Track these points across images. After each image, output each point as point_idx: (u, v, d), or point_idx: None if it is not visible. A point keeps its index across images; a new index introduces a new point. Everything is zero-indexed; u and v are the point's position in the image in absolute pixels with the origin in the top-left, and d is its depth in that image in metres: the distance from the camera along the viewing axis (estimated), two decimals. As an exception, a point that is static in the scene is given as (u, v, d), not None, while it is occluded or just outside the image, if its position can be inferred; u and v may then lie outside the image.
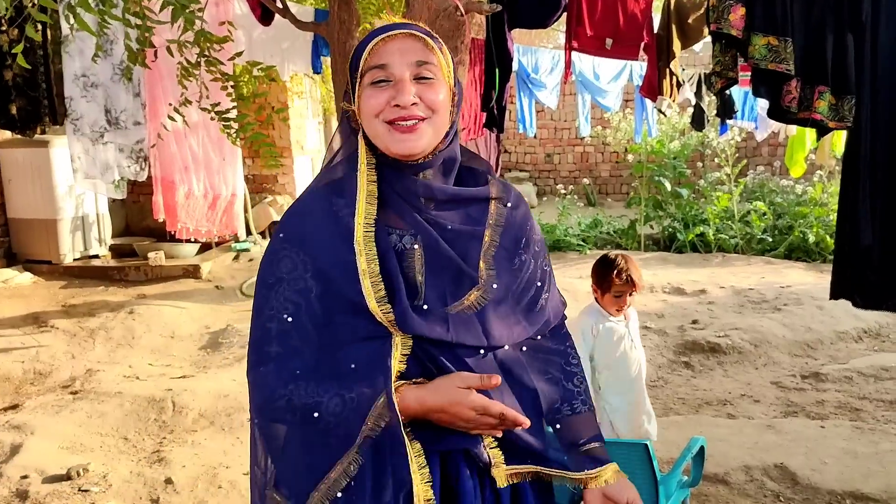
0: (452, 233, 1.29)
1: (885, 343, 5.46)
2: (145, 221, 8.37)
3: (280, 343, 1.24)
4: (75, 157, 4.33)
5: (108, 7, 2.35)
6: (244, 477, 3.38)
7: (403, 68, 1.25)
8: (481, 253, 1.32)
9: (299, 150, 9.33)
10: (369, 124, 1.27)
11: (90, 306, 6.25)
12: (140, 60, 2.77)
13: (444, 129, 1.29)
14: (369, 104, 1.26)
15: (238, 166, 4.94)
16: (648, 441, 2.36)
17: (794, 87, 2.59)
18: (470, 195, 1.34)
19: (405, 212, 1.29)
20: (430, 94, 1.26)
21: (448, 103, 1.30)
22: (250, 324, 1.29)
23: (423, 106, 1.25)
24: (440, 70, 1.28)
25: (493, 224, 1.35)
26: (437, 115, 1.27)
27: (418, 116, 1.25)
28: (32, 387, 4.71)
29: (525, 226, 1.40)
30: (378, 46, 1.26)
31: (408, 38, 1.27)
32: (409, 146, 1.25)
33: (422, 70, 1.26)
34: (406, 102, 1.23)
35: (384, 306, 1.23)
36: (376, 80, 1.26)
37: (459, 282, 1.29)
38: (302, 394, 1.21)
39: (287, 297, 1.25)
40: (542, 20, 3.56)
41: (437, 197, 1.30)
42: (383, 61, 1.25)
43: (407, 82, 1.25)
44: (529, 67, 6.82)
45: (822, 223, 8.27)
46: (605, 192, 13.58)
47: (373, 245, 1.25)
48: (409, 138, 1.25)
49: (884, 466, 3.36)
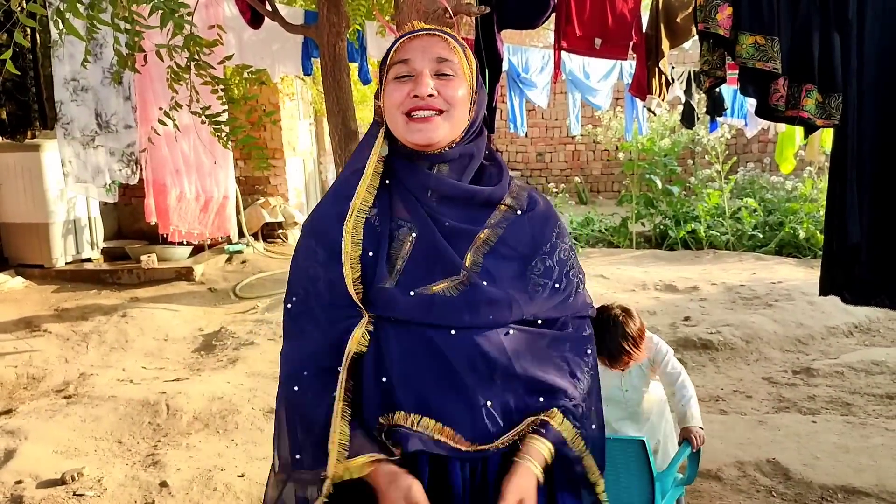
0: (448, 229, 1.34)
1: (876, 338, 5.50)
2: (137, 224, 8.35)
3: (296, 323, 1.38)
4: (66, 161, 4.32)
5: (97, 12, 2.36)
6: (239, 479, 3.39)
7: (424, 63, 1.34)
8: (472, 247, 1.35)
9: (291, 152, 9.33)
10: (391, 116, 1.36)
11: (83, 310, 6.24)
12: (130, 65, 2.77)
13: (462, 125, 1.36)
14: (392, 97, 1.35)
15: (229, 169, 4.94)
16: (645, 437, 2.37)
17: (781, 85, 2.61)
18: (477, 196, 1.38)
19: (410, 203, 1.36)
20: (448, 90, 1.34)
21: (467, 101, 1.36)
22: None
23: (441, 99, 1.33)
24: (460, 68, 1.36)
25: (493, 224, 1.38)
26: (455, 109, 1.34)
27: (435, 108, 1.32)
28: (26, 391, 4.70)
29: (545, 229, 1.42)
30: (403, 44, 1.36)
31: (432, 37, 1.36)
32: (425, 136, 1.33)
33: (442, 66, 1.34)
34: (423, 93, 1.31)
35: (358, 286, 1.31)
36: (399, 74, 1.35)
37: (437, 269, 1.33)
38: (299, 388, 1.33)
39: (300, 282, 1.39)
40: (530, 21, 3.57)
41: (444, 192, 1.36)
42: (407, 56, 1.35)
43: (426, 75, 1.33)
44: (520, 67, 6.84)
45: (812, 219, 8.32)
46: (597, 191, 13.62)
47: (360, 230, 1.33)
48: (426, 128, 1.32)
49: (875, 460, 3.39)
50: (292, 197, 9.32)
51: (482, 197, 1.38)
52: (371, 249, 1.33)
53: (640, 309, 5.98)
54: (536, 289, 1.38)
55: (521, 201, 1.42)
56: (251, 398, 4.23)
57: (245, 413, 4.06)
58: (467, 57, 1.38)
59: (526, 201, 1.42)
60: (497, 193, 1.39)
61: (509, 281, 1.35)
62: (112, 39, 2.73)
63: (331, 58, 2.90)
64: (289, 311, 1.39)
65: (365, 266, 1.32)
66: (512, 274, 1.36)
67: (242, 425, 3.95)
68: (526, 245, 1.39)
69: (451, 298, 1.30)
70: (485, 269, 1.34)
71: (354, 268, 1.31)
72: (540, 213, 1.43)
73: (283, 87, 8.41)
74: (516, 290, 1.35)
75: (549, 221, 1.44)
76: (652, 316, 5.89)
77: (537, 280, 1.38)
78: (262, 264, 7.76)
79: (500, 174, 1.42)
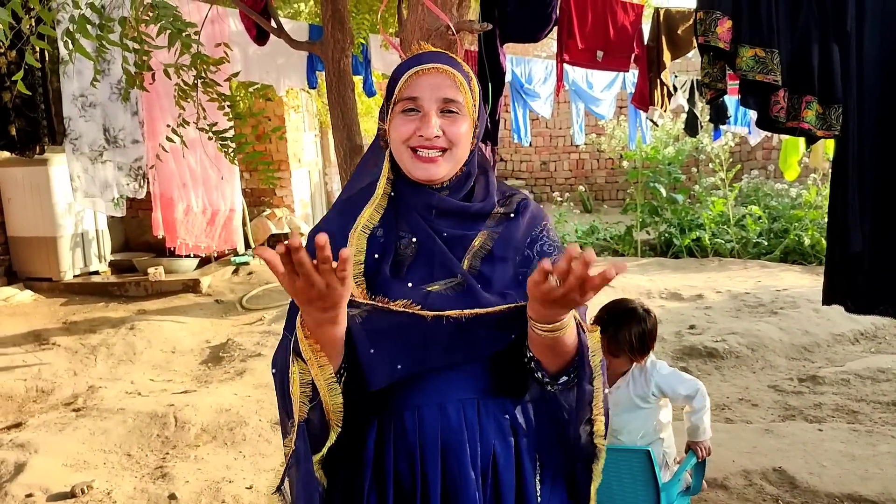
0: (446, 238, 1.40)
1: (882, 345, 5.49)
2: (144, 237, 8.40)
3: (290, 316, 1.39)
4: (75, 176, 4.36)
5: (107, 33, 2.40)
6: (247, 491, 3.41)
7: (431, 103, 1.38)
8: (469, 253, 1.40)
9: (296, 164, 9.38)
10: (396, 148, 1.42)
11: (91, 323, 6.28)
12: (138, 83, 2.81)
13: (464, 160, 1.43)
14: (399, 131, 1.40)
15: (236, 182, 4.98)
16: (650, 448, 2.39)
17: (781, 97, 2.64)
18: (470, 210, 1.44)
19: (413, 218, 1.41)
20: (453, 129, 1.39)
21: (469, 135, 1.42)
22: None
23: (446, 139, 1.38)
24: (465, 106, 1.40)
25: (488, 228, 1.43)
26: (458, 147, 1.40)
27: (440, 147, 1.38)
28: (35, 405, 4.73)
29: (532, 228, 1.46)
30: (412, 79, 1.39)
31: (439, 75, 1.39)
32: (428, 174, 1.39)
33: (448, 105, 1.39)
34: (430, 135, 1.37)
35: (359, 280, 1.36)
36: (406, 108, 1.39)
37: (436, 272, 1.37)
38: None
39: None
40: (533, 34, 3.60)
41: (444, 208, 1.42)
42: (415, 94, 1.39)
43: (432, 116, 1.37)
44: (523, 78, 6.88)
45: (817, 226, 8.32)
46: (601, 199, 13.63)
47: (364, 241, 1.38)
48: (430, 168, 1.39)
49: (881, 468, 3.39)
50: (298, 208, 9.37)
51: (475, 210, 1.44)
52: (377, 253, 1.38)
53: (646, 318, 6.01)
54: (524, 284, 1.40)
55: (512, 206, 1.47)
56: (258, 410, 4.26)
57: (253, 425, 4.09)
58: (472, 89, 1.42)
59: (517, 205, 1.48)
60: (488, 206, 1.45)
61: (506, 283, 1.39)
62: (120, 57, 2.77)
63: (336, 74, 2.94)
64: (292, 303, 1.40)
65: (368, 267, 1.37)
66: (508, 276, 1.40)
67: (250, 437, 3.98)
68: (520, 245, 1.43)
69: (445, 296, 1.35)
70: (481, 274, 1.38)
71: (356, 267, 1.36)
72: (530, 215, 1.48)
73: (289, 100, 8.46)
74: (511, 289, 1.38)
75: (536, 220, 1.48)
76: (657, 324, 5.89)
77: (520, 271, 1.41)
78: (269, 276, 7.78)
79: (486, 186, 1.48)
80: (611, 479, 2.34)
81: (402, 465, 1.35)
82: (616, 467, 2.35)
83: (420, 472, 1.34)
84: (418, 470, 1.34)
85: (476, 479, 1.34)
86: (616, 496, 2.37)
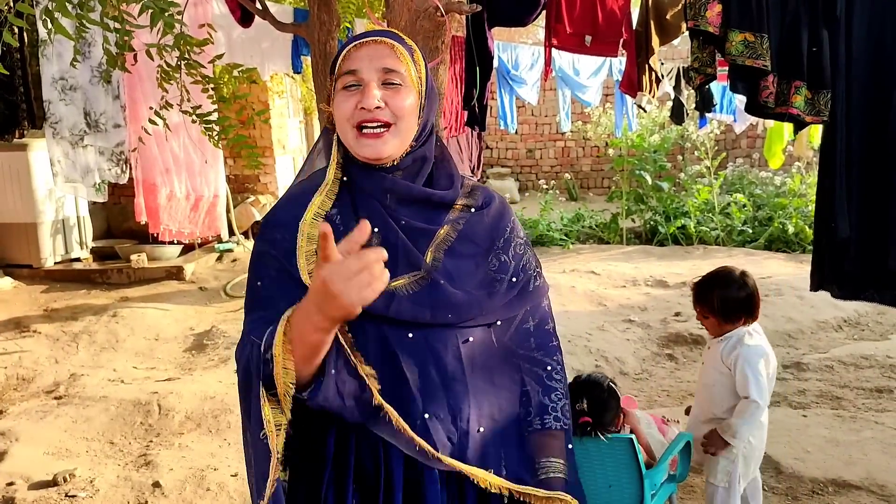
0: (406, 227, 1.36)
1: (865, 332, 5.54)
2: (127, 223, 8.30)
3: (253, 304, 1.36)
4: (55, 161, 4.29)
5: (87, 11, 2.34)
6: (232, 479, 3.38)
7: (371, 73, 1.33)
8: (432, 244, 1.37)
9: (281, 150, 9.30)
10: (341, 128, 1.36)
11: (72, 310, 6.20)
12: (119, 64, 2.75)
13: (411, 135, 1.36)
14: (340, 109, 1.35)
15: (220, 167, 4.93)
16: (633, 435, 2.39)
17: (770, 82, 2.62)
18: (433, 198, 1.40)
19: (371, 205, 1.36)
20: (395, 101, 1.33)
21: (415, 109, 1.36)
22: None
23: (389, 111, 1.32)
24: (408, 77, 1.35)
25: (451, 220, 1.40)
26: (403, 121, 1.34)
27: (383, 120, 1.32)
28: (16, 392, 4.67)
29: (500, 225, 1.44)
30: (350, 52, 1.35)
31: (378, 45, 1.34)
32: (374, 151, 1.33)
33: (389, 76, 1.33)
34: (370, 105, 1.31)
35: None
36: (347, 84, 1.34)
37: (398, 265, 1.33)
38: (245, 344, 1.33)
39: (259, 272, 1.37)
40: (521, 18, 3.57)
41: (401, 194, 1.37)
42: (354, 67, 1.34)
43: (372, 87, 1.32)
44: (510, 64, 6.84)
45: (801, 214, 8.37)
46: (587, 187, 13.64)
47: (316, 229, 1.31)
48: (375, 144, 1.33)
49: (865, 454, 3.42)
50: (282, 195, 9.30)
51: (437, 198, 1.40)
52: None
53: (632, 305, 6.02)
54: (494, 285, 1.39)
55: (476, 199, 1.44)
56: (243, 397, 4.23)
57: (237, 412, 4.01)
58: (416, 62, 1.37)
59: (481, 199, 1.44)
60: (451, 195, 1.41)
61: (468, 279, 1.37)
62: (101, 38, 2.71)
63: (321, 56, 2.89)
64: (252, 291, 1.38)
65: None
66: (471, 272, 1.38)
67: (235, 424, 3.95)
68: (483, 241, 1.41)
69: (410, 294, 1.32)
70: (444, 268, 1.35)
71: (310, 259, 1.31)
72: (495, 210, 1.45)
73: (273, 85, 8.38)
74: (475, 288, 1.37)
75: (504, 217, 1.46)
76: (643, 312, 5.91)
77: (494, 276, 1.40)
78: (253, 263, 7.73)
79: (450, 175, 1.43)
80: (594, 466, 2.34)
81: (367, 462, 1.32)
82: (599, 455, 2.35)
83: (385, 470, 1.31)
84: (382, 467, 1.31)
85: (440, 475, 1.32)
86: (600, 483, 2.36)
